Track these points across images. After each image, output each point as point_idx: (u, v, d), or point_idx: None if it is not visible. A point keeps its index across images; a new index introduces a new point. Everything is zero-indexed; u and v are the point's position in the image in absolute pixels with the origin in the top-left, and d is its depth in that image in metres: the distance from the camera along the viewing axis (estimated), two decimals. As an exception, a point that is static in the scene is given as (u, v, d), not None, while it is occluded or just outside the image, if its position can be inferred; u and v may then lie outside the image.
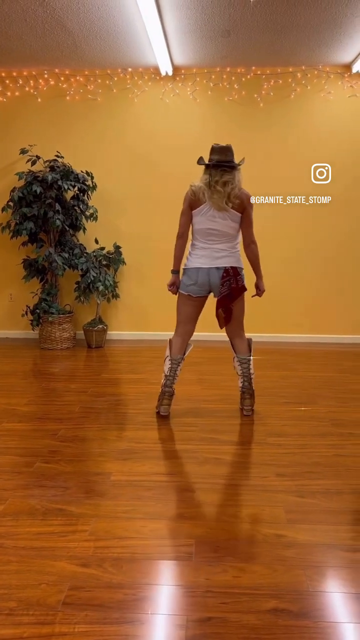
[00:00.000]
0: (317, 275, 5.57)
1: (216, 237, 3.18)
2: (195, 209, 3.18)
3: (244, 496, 2.32)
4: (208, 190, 3.11)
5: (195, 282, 3.21)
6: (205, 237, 3.19)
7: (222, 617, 1.56)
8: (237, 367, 3.40)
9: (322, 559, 1.86)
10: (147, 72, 5.32)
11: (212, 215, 3.14)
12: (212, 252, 3.19)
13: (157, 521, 2.09)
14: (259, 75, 5.27)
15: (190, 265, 3.24)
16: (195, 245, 3.24)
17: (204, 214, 3.15)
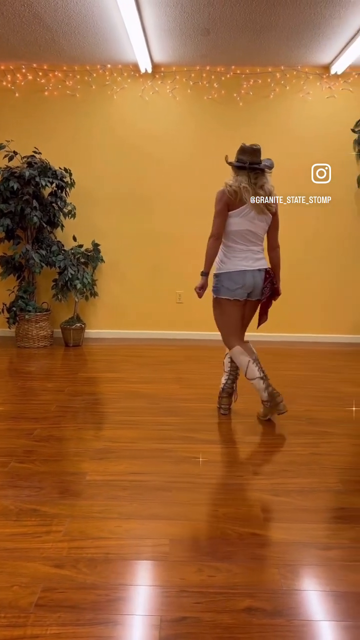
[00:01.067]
0: (294, 276, 5.61)
1: (253, 239, 3.14)
2: (234, 210, 3.08)
3: (219, 495, 2.32)
4: (245, 191, 3.04)
5: (243, 285, 3.12)
6: (243, 239, 3.12)
7: (196, 617, 1.56)
8: (227, 364, 3.40)
9: (297, 557, 1.87)
10: (127, 68, 5.29)
11: (252, 217, 3.08)
12: (252, 254, 3.15)
13: (132, 521, 2.07)
14: (239, 75, 5.28)
15: (233, 268, 3.12)
16: (233, 248, 3.14)
17: (244, 215, 3.07)
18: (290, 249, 5.56)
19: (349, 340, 5.66)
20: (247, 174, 3.08)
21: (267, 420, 3.29)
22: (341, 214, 5.48)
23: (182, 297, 5.66)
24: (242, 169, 3.10)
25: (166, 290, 5.67)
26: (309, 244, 5.56)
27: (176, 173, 5.46)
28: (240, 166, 3.09)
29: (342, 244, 5.53)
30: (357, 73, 5.24)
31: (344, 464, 2.69)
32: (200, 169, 5.45)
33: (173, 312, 5.71)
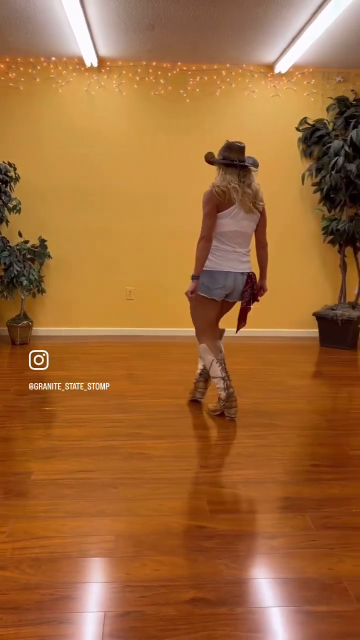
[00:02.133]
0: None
1: (241, 240, 3.11)
2: (223, 211, 3.01)
3: (167, 489, 2.34)
4: (234, 190, 2.99)
5: (223, 286, 3.08)
6: (231, 240, 3.08)
7: (140, 611, 1.57)
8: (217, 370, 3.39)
9: (241, 547, 1.91)
10: (72, 62, 5.22)
11: (241, 217, 3.04)
12: (239, 257, 3.11)
13: (78, 519, 2.06)
14: (185, 71, 5.30)
15: (217, 268, 3.08)
16: (219, 248, 3.08)
17: (233, 215, 3.02)
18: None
19: (295, 335, 5.79)
20: (238, 173, 3.03)
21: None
22: (286, 211, 5.60)
23: (132, 293, 5.65)
24: (232, 167, 3.03)
25: (116, 286, 5.64)
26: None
27: (124, 168, 5.43)
28: (229, 164, 3.02)
29: (287, 241, 5.65)
30: (300, 73, 5.35)
31: (290, 454, 2.77)
32: (148, 164, 5.45)
33: (123, 308, 5.68)
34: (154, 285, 5.60)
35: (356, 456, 2.73)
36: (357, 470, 2.57)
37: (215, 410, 3.32)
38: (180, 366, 4.46)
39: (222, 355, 3.27)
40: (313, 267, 5.73)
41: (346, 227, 5.12)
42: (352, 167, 4.91)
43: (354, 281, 5.46)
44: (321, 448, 2.87)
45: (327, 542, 1.95)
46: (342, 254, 5.41)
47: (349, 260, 5.45)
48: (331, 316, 5.16)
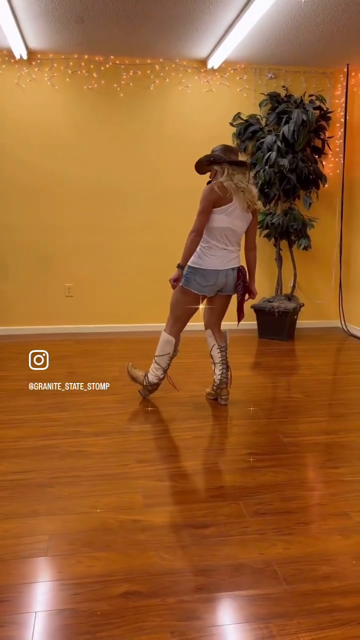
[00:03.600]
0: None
1: (232, 238, 3.18)
2: (220, 207, 3.08)
3: (103, 486, 2.34)
4: (240, 190, 3.06)
5: (214, 284, 3.19)
6: (222, 236, 3.14)
7: (73, 608, 1.57)
8: (217, 355, 3.41)
9: (175, 538, 1.94)
10: (0, 54, 5.07)
11: (236, 216, 3.11)
12: (228, 254, 3.19)
13: (11, 520, 2.03)
14: (118, 65, 5.26)
15: (207, 266, 3.15)
16: (211, 245, 3.15)
17: (229, 212, 3.09)
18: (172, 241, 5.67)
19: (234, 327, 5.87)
20: (246, 173, 3.14)
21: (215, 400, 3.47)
22: (224, 205, 5.67)
23: (72, 290, 5.57)
24: (239, 167, 3.13)
25: (54, 283, 5.54)
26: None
27: (59, 162, 5.34)
28: (241, 163, 3.14)
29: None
30: (232, 68, 5.42)
31: (226, 444, 2.83)
32: (83, 158, 5.37)
33: (62, 305, 5.60)
34: (94, 281, 5.54)
35: (289, 443, 2.82)
36: (290, 457, 2.66)
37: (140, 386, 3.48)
38: (120, 362, 4.43)
39: (176, 353, 3.42)
40: (250, 261, 5.83)
41: (281, 221, 5.25)
42: (285, 162, 5.03)
43: (290, 274, 5.60)
44: (256, 437, 2.95)
45: (259, 528, 2.01)
46: (278, 247, 5.54)
47: (284, 254, 5.59)
48: (268, 308, 5.28)
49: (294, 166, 5.10)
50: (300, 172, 5.13)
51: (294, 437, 2.92)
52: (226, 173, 3.12)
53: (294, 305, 5.31)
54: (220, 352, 3.41)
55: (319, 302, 5.90)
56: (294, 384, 4.08)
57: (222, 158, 3.14)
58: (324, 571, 1.76)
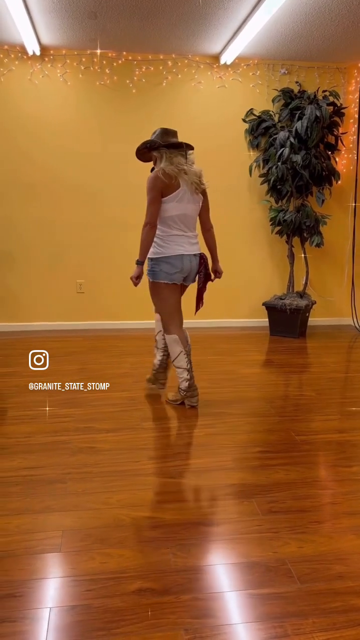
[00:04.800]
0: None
1: (188, 224, 3.14)
2: (169, 195, 3.02)
3: (115, 482, 2.33)
4: (183, 172, 3.02)
5: (181, 269, 3.12)
6: (178, 223, 3.10)
7: (87, 604, 1.57)
8: (161, 341, 3.40)
9: (188, 536, 1.93)
10: (14, 50, 5.07)
11: (186, 201, 3.07)
12: (188, 239, 3.15)
13: (24, 516, 2.03)
14: (130, 61, 5.24)
15: (171, 252, 3.09)
16: (169, 232, 3.09)
17: (180, 199, 3.05)
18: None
19: (246, 324, 5.86)
20: (184, 155, 3.09)
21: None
22: (234, 202, 5.64)
23: (83, 286, 5.57)
24: (177, 150, 3.08)
25: (66, 280, 5.54)
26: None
27: (70, 159, 5.34)
28: (177, 145, 3.08)
29: (235, 232, 5.71)
30: (245, 64, 5.38)
31: (238, 442, 2.81)
32: (94, 155, 5.37)
33: (74, 302, 5.60)
34: (106, 278, 5.54)
35: (302, 441, 2.80)
36: (303, 455, 2.64)
37: (176, 399, 3.34)
38: (131, 359, 4.45)
39: (189, 347, 3.33)
40: (262, 258, 5.80)
41: (293, 217, 5.21)
42: (298, 158, 4.99)
43: (302, 271, 5.57)
44: (268, 434, 2.93)
45: (272, 526, 2.00)
46: (290, 244, 5.51)
47: (297, 251, 5.56)
48: (280, 306, 5.25)
49: (307, 162, 5.06)
50: (313, 168, 5.09)
51: (307, 435, 2.90)
52: (165, 158, 3.07)
53: (306, 302, 5.28)
54: (164, 338, 3.37)
55: (331, 300, 5.86)
56: (305, 382, 4.05)
57: (158, 143, 3.08)
58: (338, 570, 1.75)
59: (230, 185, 5.57)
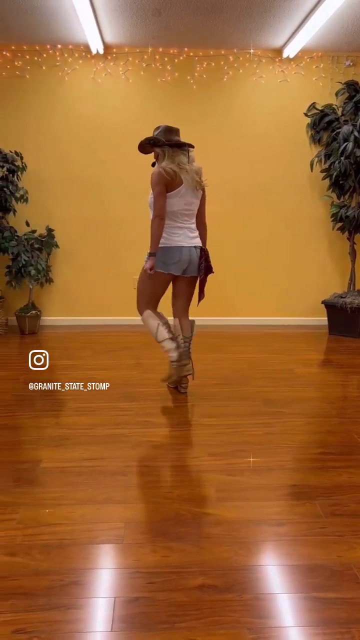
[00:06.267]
0: (250, 260, 5.67)
1: (188, 217, 3.27)
2: (172, 191, 3.15)
3: (175, 477, 2.35)
4: (184, 171, 3.14)
5: (179, 260, 3.24)
6: (180, 217, 3.23)
7: (150, 597, 1.58)
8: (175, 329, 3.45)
9: (249, 534, 1.91)
10: (78, 49, 5.17)
11: (189, 196, 3.20)
12: (187, 232, 3.27)
13: (87, 506, 2.07)
14: (192, 57, 5.24)
15: (170, 244, 3.23)
16: (171, 225, 3.24)
17: (182, 195, 3.18)
18: (244, 233, 5.61)
19: (302, 323, 5.77)
20: (185, 154, 3.19)
21: (176, 389, 3.44)
22: (295, 198, 5.55)
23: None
24: (181, 148, 3.19)
25: (123, 275, 5.62)
26: (263, 228, 5.61)
27: (130, 156, 5.39)
28: (179, 144, 3.19)
29: (295, 228, 5.61)
30: (308, 57, 5.28)
31: (298, 442, 2.76)
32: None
33: (130, 297, 5.65)
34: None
35: (365, 444, 2.72)
36: (366, 458, 2.56)
37: (170, 376, 3.45)
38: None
39: (165, 319, 3.41)
40: (322, 255, 5.69)
41: (355, 213, 5.08)
42: (361, 153, 4.85)
43: (363, 269, 5.42)
44: (329, 436, 2.87)
45: (336, 530, 1.95)
46: (352, 241, 5.37)
47: (358, 247, 5.41)
48: (340, 304, 5.13)
49: (371, 157, 4.91)
50: (378, 163, 4.94)
51: (370, 438, 2.82)
52: (167, 156, 3.19)
53: (367, 301, 5.13)
54: (184, 343, 3.39)
55: (393, 299, 5.66)
56: (366, 383, 3.94)
57: (161, 141, 3.18)
58: None
59: (290, 180, 5.49)
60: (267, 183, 5.48)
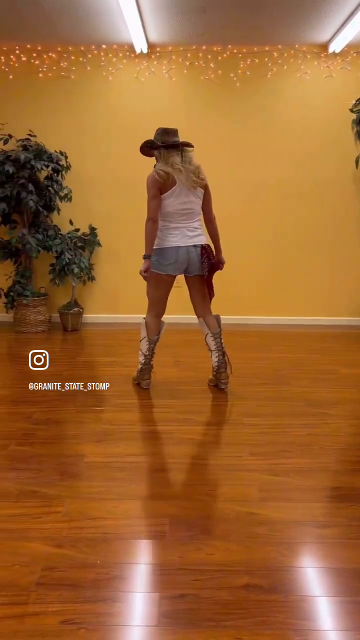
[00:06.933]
0: (290, 259, 5.60)
1: (190, 216, 3.26)
2: (166, 192, 3.18)
3: (217, 475, 2.34)
4: (178, 171, 3.15)
5: (175, 261, 3.25)
6: (178, 217, 3.24)
7: (195, 594, 1.58)
8: (211, 343, 3.45)
9: (294, 535, 1.89)
10: (122, 49, 5.22)
11: (184, 195, 3.20)
12: (186, 231, 3.25)
13: (130, 501, 2.09)
14: (235, 54, 5.21)
15: (166, 244, 3.25)
16: (167, 226, 3.26)
17: (176, 195, 3.19)
18: (286, 231, 5.55)
19: (346, 323, 5.66)
20: (179, 154, 3.19)
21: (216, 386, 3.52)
22: (339, 195, 5.45)
23: (180, 280, 5.63)
24: (175, 148, 3.20)
25: (164, 273, 5.64)
26: (307, 226, 5.53)
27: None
28: (173, 145, 3.20)
29: (340, 226, 5.51)
30: (355, 52, 5.17)
31: (342, 444, 2.72)
32: (196, 151, 5.39)
33: (171, 295, 5.67)
34: (202, 273, 5.57)
35: None
36: None
37: (136, 379, 3.57)
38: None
39: (156, 338, 3.52)
40: (366, 254, 5.57)
41: None
42: None
43: None
44: (375, 439, 2.81)
45: (383, 534, 1.91)
46: None
47: None
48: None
49: None
50: None
51: None
52: (162, 157, 3.21)
53: None
54: (214, 339, 3.41)
55: None
56: None
57: (156, 143, 3.22)
58: None
59: (334, 177, 5.40)
60: (311, 181, 5.39)
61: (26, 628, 1.44)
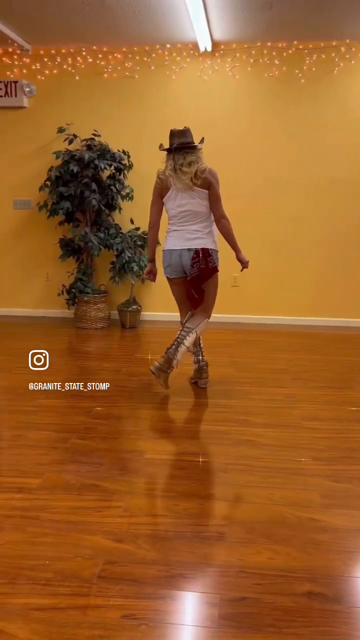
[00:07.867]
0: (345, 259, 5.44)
1: (189, 218, 3.24)
2: (165, 196, 3.24)
3: (277, 479, 2.30)
4: (174, 175, 3.16)
5: (170, 264, 3.29)
6: (179, 219, 3.25)
7: (256, 598, 1.56)
8: (179, 333, 3.35)
9: (357, 544, 1.83)
10: (186, 48, 5.22)
11: (181, 198, 3.19)
12: (185, 234, 3.24)
13: (190, 500, 2.09)
14: (301, 50, 5.11)
15: (164, 248, 3.32)
16: (169, 229, 3.31)
17: (173, 198, 3.21)
18: (339, 230, 5.40)
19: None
20: (174, 157, 3.16)
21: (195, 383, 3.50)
22: None
23: (238, 280, 5.60)
24: (169, 152, 3.19)
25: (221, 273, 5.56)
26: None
27: (235, 154, 5.37)
28: (167, 149, 3.19)
29: None
30: None
31: None
32: (259, 149, 5.34)
33: (228, 295, 5.64)
34: (260, 272, 5.50)
35: None
36: None
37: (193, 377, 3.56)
38: (285, 355, 4.38)
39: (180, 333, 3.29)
40: None
41: None
42: None
43: None
44: None
45: None
46: None
47: None
48: None
49: None
50: None
51: None
52: (165, 161, 3.23)
53: None
54: (182, 331, 3.28)
55: None
56: None
57: (161, 146, 3.25)
58: None
59: None
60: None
61: (89, 620, 1.46)
